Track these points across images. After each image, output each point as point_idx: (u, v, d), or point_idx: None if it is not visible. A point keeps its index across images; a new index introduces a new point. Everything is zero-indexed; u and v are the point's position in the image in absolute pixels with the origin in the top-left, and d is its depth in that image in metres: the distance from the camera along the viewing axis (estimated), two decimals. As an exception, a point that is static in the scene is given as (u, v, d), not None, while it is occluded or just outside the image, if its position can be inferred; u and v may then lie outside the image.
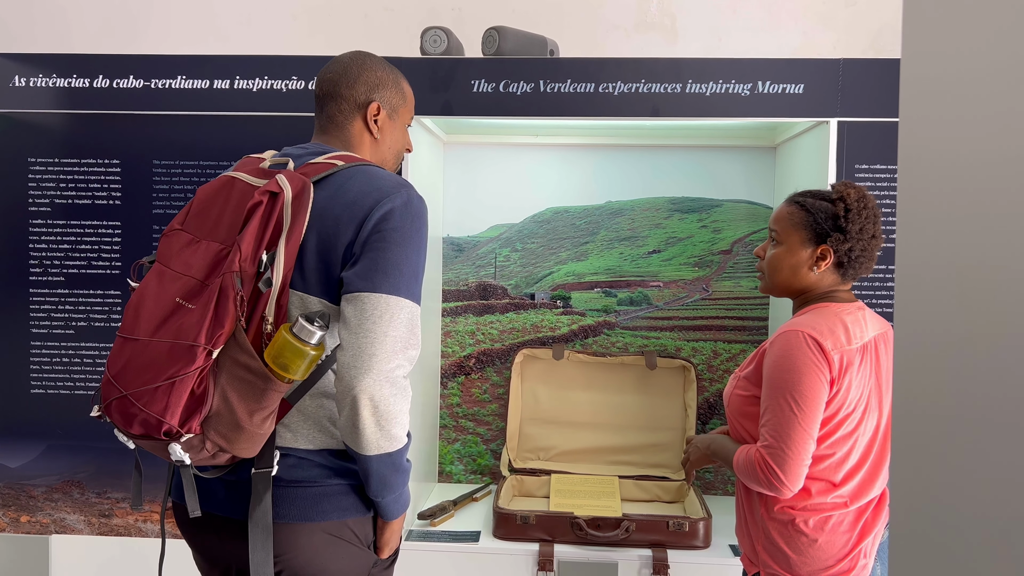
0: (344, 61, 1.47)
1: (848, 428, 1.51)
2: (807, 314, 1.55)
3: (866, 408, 1.53)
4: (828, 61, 2.00)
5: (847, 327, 1.51)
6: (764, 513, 1.56)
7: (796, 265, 1.59)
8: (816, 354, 1.46)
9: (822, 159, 2.04)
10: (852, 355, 1.50)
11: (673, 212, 2.55)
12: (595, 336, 2.58)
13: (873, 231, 1.56)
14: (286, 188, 1.26)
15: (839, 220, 1.54)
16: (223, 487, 1.33)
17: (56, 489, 2.17)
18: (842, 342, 1.49)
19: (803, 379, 1.46)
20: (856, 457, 1.53)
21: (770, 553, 1.55)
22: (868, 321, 1.56)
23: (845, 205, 1.54)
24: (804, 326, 1.50)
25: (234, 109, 2.10)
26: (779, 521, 1.53)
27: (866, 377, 1.52)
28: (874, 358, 1.53)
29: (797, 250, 1.58)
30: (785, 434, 1.46)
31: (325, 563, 1.31)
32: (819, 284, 1.59)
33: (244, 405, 1.21)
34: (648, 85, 2.03)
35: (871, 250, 1.56)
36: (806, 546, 1.51)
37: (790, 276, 1.60)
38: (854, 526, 1.52)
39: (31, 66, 2.13)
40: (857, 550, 1.51)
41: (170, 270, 1.26)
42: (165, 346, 1.20)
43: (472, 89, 2.06)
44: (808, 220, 1.57)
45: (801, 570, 1.51)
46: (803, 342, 1.47)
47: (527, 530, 2.09)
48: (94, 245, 2.16)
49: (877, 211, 1.57)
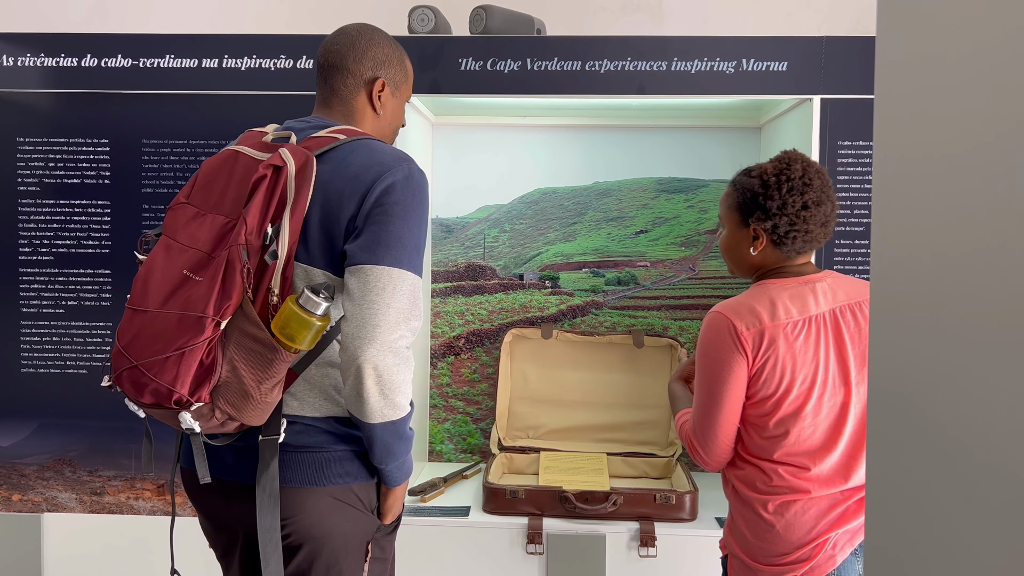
0: (351, 34, 1.48)
1: (795, 404, 1.45)
2: (742, 294, 1.52)
3: (813, 383, 1.45)
4: (811, 39, 2.02)
5: (775, 303, 1.46)
6: (732, 494, 1.55)
7: (737, 247, 1.56)
8: (730, 337, 1.44)
9: (806, 137, 2.06)
10: (776, 330, 1.44)
11: (660, 192, 2.58)
12: (583, 316, 2.60)
13: (802, 201, 1.46)
14: (289, 162, 1.28)
15: (758, 198, 1.49)
16: (232, 453, 1.35)
17: (48, 467, 2.18)
18: (763, 319, 1.44)
19: (719, 366, 1.46)
20: (816, 439, 1.46)
21: (734, 534, 1.53)
22: (826, 292, 1.48)
23: (762, 181, 1.49)
24: (724, 306, 1.48)
25: (223, 88, 2.11)
26: (743, 503, 1.51)
27: (811, 352, 1.45)
28: (830, 331, 1.46)
29: (735, 232, 1.55)
30: (705, 418, 1.49)
31: (331, 526, 1.34)
32: (765, 262, 1.54)
33: (252, 374, 1.24)
34: (634, 63, 2.05)
35: (805, 222, 1.47)
36: (764, 531, 1.47)
37: (737, 259, 1.57)
38: (824, 515, 1.45)
39: (19, 45, 2.13)
40: (822, 540, 1.44)
41: (177, 243, 1.28)
42: (174, 317, 1.22)
43: (460, 67, 2.07)
44: (738, 200, 1.53)
45: (758, 555, 1.48)
46: (720, 327, 1.46)
47: (516, 504, 2.11)
48: (83, 225, 2.16)
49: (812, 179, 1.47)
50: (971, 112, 0.53)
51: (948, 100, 0.56)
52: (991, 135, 0.51)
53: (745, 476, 1.51)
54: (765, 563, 1.47)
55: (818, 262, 2.04)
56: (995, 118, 0.51)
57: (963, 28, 0.55)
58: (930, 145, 0.59)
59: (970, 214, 0.53)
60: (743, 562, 1.50)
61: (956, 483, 0.54)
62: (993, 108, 0.51)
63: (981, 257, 0.52)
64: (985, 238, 0.52)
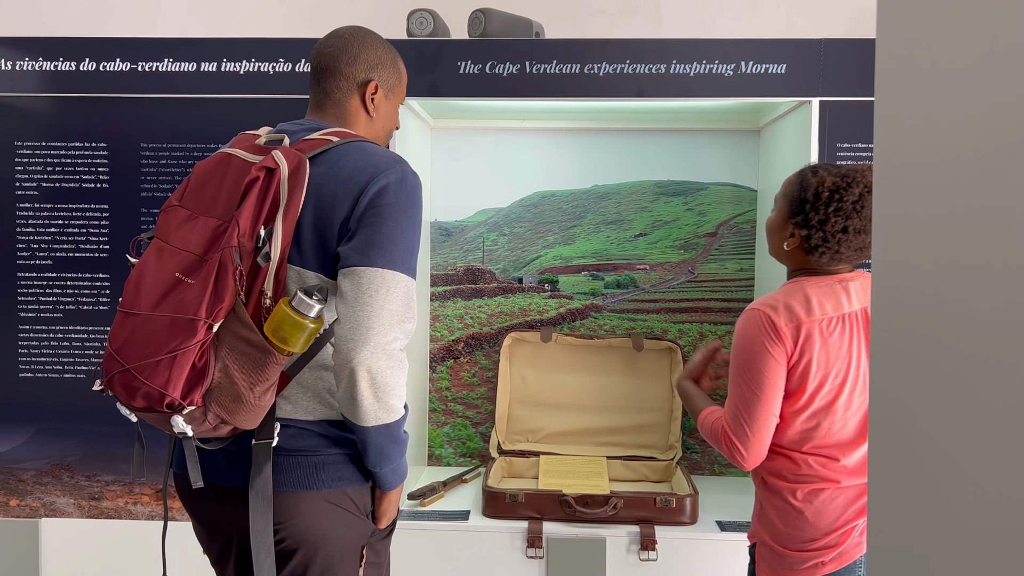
0: (344, 36, 1.48)
1: (827, 398, 1.50)
2: (777, 291, 1.55)
3: (846, 378, 1.50)
4: (810, 41, 2.02)
5: (810, 299, 1.50)
6: (761, 484, 1.58)
7: (776, 232, 1.59)
8: (768, 331, 1.48)
9: (804, 140, 2.06)
10: (812, 326, 1.48)
11: (659, 195, 2.57)
12: (582, 319, 2.60)
13: (844, 225, 1.48)
14: (282, 164, 1.28)
15: (805, 205, 1.51)
16: (225, 457, 1.35)
17: (46, 473, 2.17)
18: (799, 315, 1.48)
19: (756, 358, 1.48)
20: (847, 431, 1.51)
21: (762, 522, 1.57)
22: (858, 291, 1.52)
23: (816, 191, 1.50)
24: (761, 303, 1.52)
25: (221, 92, 2.11)
26: (772, 492, 1.55)
27: (845, 348, 1.50)
28: (862, 329, 1.51)
29: (779, 219, 1.58)
30: (744, 413, 1.49)
31: (325, 530, 1.33)
32: (795, 259, 1.58)
33: (245, 377, 1.23)
34: (633, 66, 2.05)
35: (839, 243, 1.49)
36: (793, 517, 1.52)
37: (772, 243, 1.62)
38: (851, 503, 1.51)
39: (17, 50, 2.13)
40: (851, 527, 1.50)
41: (169, 246, 1.28)
42: (166, 320, 1.21)
43: (458, 70, 2.07)
44: (793, 195, 1.55)
45: (787, 541, 1.52)
46: (756, 320, 1.49)
47: (516, 508, 2.11)
48: (82, 229, 2.16)
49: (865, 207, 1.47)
50: (971, 114, 0.53)
51: (948, 102, 0.56)
52: (991, 136, 0.51)
53: (774, 467, 1.55)
54: (795, 549, 1.51)
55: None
56: (996, 119, 0.51)
57: (963, 30, 0.54)
58: (930, 147, 0.58)
59: (970, 215, 0.53)
60: (772, 549, 1.54)
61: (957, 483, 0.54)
62: (994, 109, 0.51)
63: (981, 258, 0.52)
64: (985, 239, 0.51)
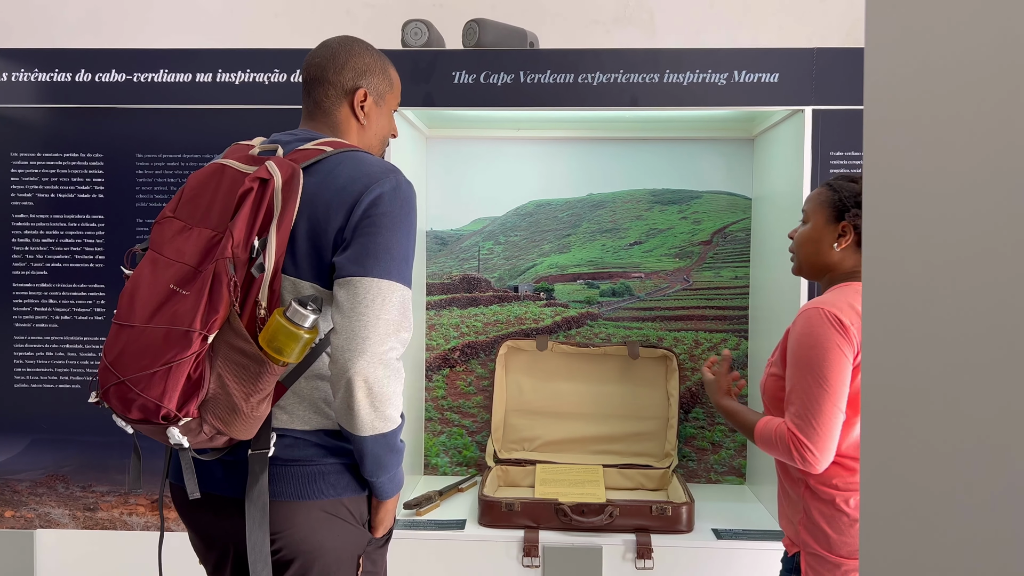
0: (332, 46, 1.49)
1: None
2: (831, 293, 1.57)
3: None
4: (802, 50, 2.04)
5: None
6: (806, 492, 1.56)
7: (819, 241, 1.61)
8: (837, 329, 1.48)
9: (798, 148, 2.07)
10: None
11: (654, 204, 2.58)
12: (578, 327, 2.60)
13: None
14: (276, 174, 1.28)
15: (859, 197, 1.56)
16: (221, 467, 1.34)
17: (41, 483, 2.17)
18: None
19: (826, 355, 1.48)
20: None
21: (810, 532, 1.55)
22: None
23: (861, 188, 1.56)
24: (823, 303, 1.52)
25: (217, 102, 2.12)
26: (821, 500, 1.53)
27: None
28: None
29: (821, 228, 1.61)
30: (813, 409, 1.47)
31: (321, 540, 1.33)
32: (842, 263, 1.60)
33: (240, 388, 1.23)
34: (627, 75, 2.06)
35: None
36: (847, 526, 1.51)
37: (814, 253, 1.62)
38: None
39: (13, 61, 2.13)
40: None
41: (163, 257, 1.28)
42: (161, 332, 1.21)
43: (453, 80, 2.08)
44: (833, 199, 1.59)
45: (840, 550, 1.51)
46: (824, 318, 1.49)
47: (512, 517, 2.11)
48: (77, 239, 2.16)
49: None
50: (959, 121, 0.54)
51: (936, 110, 0.57)
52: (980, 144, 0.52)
53: (825, 474, 1.53)
54: (849, 556, 1.50)
55: (812, 272, 2.05)
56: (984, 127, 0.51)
57: (950, 38, 0.55)
58: (919, 155, 0.59)
59: (959, 222, 0.54)
60: (822, 558, 1.53)
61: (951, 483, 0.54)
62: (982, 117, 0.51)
63: (970, 264, 0.52)
64: (974, 245, 0.52)
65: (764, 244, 2.40)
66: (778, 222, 2.25)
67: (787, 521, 1.62)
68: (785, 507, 1.63)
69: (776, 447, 1.52)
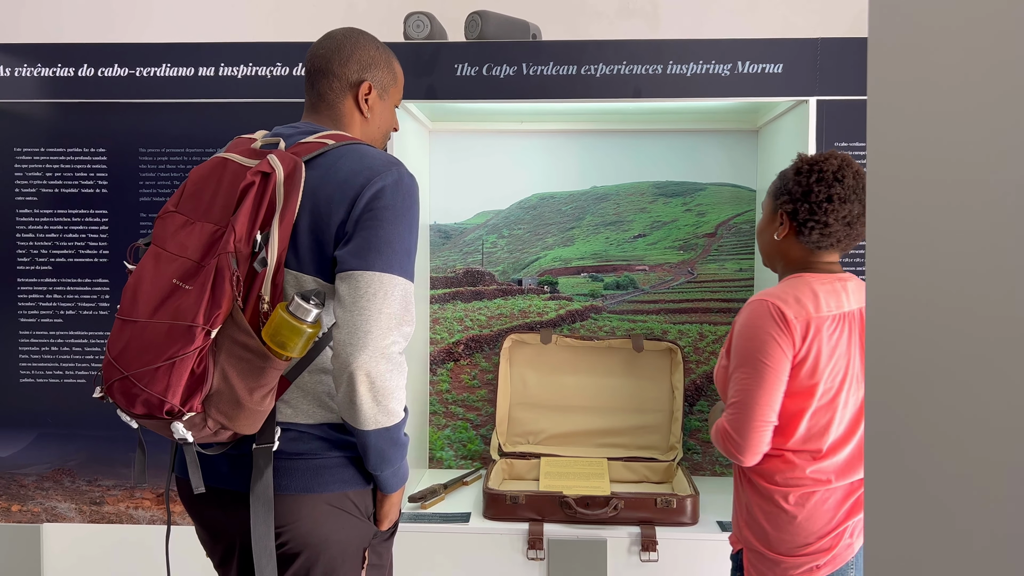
0: (337, 38, 1.48)
1: (826, 398, 1.49)
2: (779, 285, 1.54)
3: (845, 379, 1.50)
4: (807, 40, 2.02)
5: (817, 295, 1.49)
6: (748, 487, 1.55)
7: (765, 231, 1.61)
8: (778, 322, 1.45)
9: (802, 139, 2.06)
10: (821, 322, 1.47)
11: (658, 196, 2.58)
12: (582, 320, 2.60)
13: (828, 194, 1.48)
14: (278, 168, 1.28)
15: (788, 182, 1.53)
16: (226, 462, 1.35)
17: (47, 478, 2.18)
18: (808, 310, 1.46)
19: (763, 347, 1.45)
20: (840, 430, 1.50)
21: (751, 528, 1.54)
22: (854, 292, 1.52)
23: (796, 168, 1.53)
24: (768, 295, 1.50)
25: (219, 96, 2.11)
26: (762, 496, 1.52)
27: (844, 347, 1.49)
28: (857, 329, 1.51)
29: (767, 218, 1.60)
30: (746, 402, 1.45)
31: (327, 533, 1.33)
32: (788, 253, 1.57)
33: (244, 383, 1.23)
34: (629, 67, 2.05)
35: (826, 214, 1.49)
36: (786, 523, 1.49)
37: (764, 244, 1.62)
38: (841, 504, 1.49)
39: (15, 56, 2.13)
40: (841, 529, 1.48)
41: (166, 252, 1.28)
42: (164, 327, 1.21)
43: (455, 73, 2.07)
44: (775, 186, 1.58)
45: (779, 547, 1.49)
46: (766, 311, 1.47)
47: (517, 510, 2.11)
48: (81, 234, 2.16)
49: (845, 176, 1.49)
50: (964, 112, 0.53)
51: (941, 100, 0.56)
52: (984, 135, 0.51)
53: (763, 469, 1.52)
54: (787, 554, 1.48)
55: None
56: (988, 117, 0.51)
57: (955, 28, 0.55)
58: (923, 145, 0.59)
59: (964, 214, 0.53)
60: (762, 555, 1.51)
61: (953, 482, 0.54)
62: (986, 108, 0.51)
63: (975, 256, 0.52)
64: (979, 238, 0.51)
65: (769, 236, 2.39)
66: (783, 214, 2.24)
67: (734, 517, 1.60)
68: (735, 502, 1.61)
69: (718, 442, 1.51)
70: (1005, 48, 0.49)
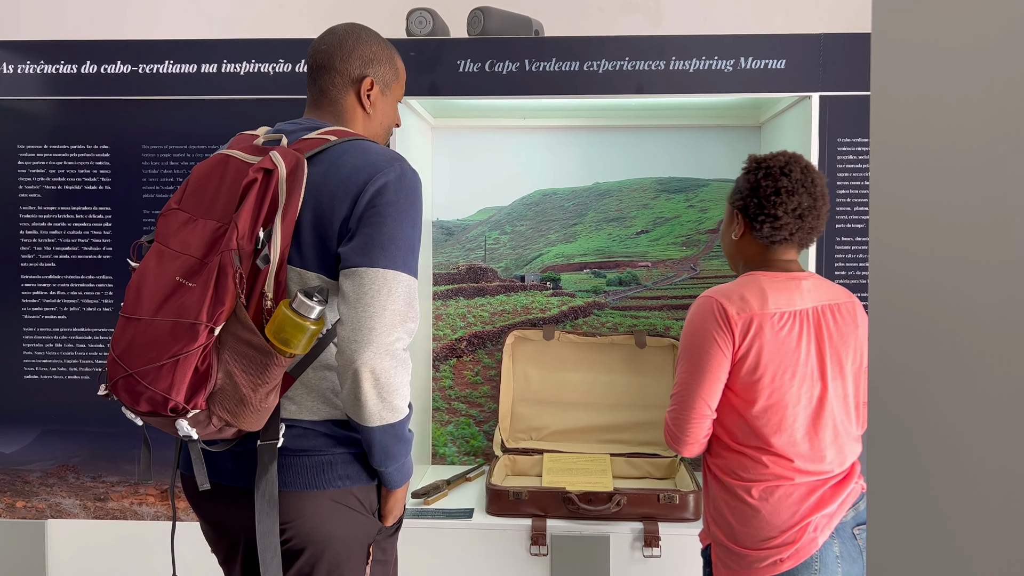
0: (339, 33, 1.48)
1: (778, 394, 1.50)
2: (732, 282, 1.57)
3: (795, 374, 1.51)
4: (809, 36, 2.02)
5: (765, 292, 1.51)
6: (713, 482, 1.58)
7: (725, 233, 1.67)
8: (719, 320, 1.49)
9: (805, 135, 2.06)
10: (764, 319, 1.49)
11: (660, 192, 2.57)
12: (585, 316, 2.60)
13: (775, 187, 1.52)
14: (280, 165, 1.28)
15: (739, 180, 1.61)
16: (231, 458, 1.35)
17: (51, 474, 2.18)
18: (752, 307, 1.49)
19: (702, 344, 1.50)
20: (799, 428, 1.51)
21: (717, 522, 1.57)
22: (810, 290, 1.54)
23: (744, 170, 1.60)
24: (716, 292, 1.54)
25: (222, 93, 2.12)
26: (727, 491, 1.54)
27: (794, 344, 1.50)
28: (813, 327, 1.52)
29: (726, 220, 1.66)
30: (683, 396, 1.52)
31: (331, 529, 1.33)
32: (746, 251, 1.61)
33: (248, 380, 1.23)
34: (632, 63, 2.05)
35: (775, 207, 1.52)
36: (750, 516, 1.51)
37: (725, 248, 1.67)
38: (805, 499, 1.50)
39: (18, 53, 2.14)
40: (805, 523, 1.49)
41: (169, 249, 1.28)
42: (168, 325, 1.21)
43: (458, 69, 2.07)
44: (732, 189, 1.64)
45: (744, 540, 1.52)
46: (709, 308, 1.51)
47: (520, 506, 2.11)
48: (85, 231, 2.17)
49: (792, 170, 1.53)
50: (967, 108, 0.53)
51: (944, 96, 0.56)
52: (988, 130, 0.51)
53: (727, 465, 1.55)
54: (752, 548, 1.51)
55: (819, 259, 2.04)
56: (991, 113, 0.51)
57: (958, 23, 0.54)
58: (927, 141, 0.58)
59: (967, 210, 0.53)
60: (729, 549, 1.54)
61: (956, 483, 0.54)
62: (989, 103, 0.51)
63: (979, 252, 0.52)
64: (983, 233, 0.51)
65: (771, 232, 2.39)
66: (785, 210, 2.24)
67: (703, 514, 1.64)
68: (704, 500, 1.64)
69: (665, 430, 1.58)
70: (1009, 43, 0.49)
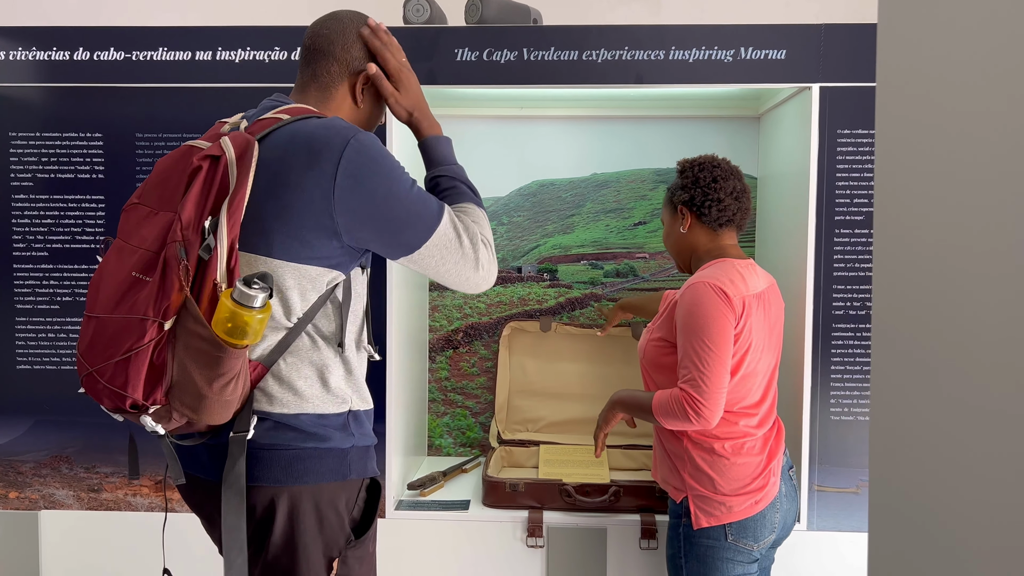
0: (343, 20, 1.43)
1: (752, 366, 1.72)
2: (708, 268, 1.74)
3: (762, 349, 1.74)
4: (810, 27, 2.00)
5: (743, 276, 1.71)
6: (688, 444, 1.73)
7: (671, 233, 1.86)
8: (722, 300, 1.65)
9: (805, 126, 2.04)
10: (750, 300, 1.69)
11: (658, 183, 2.56)
12: (582, 308, 2.59)
13: (712, 176, 1.78)
14: (228, 150, 1.23)
15: (677, 181, 1.84)
16: (206, 451, 1.33)
17: (44, 464, 2.17)
18: (741, 289, 1.68)
19: (713, 323, 1.64)
20: (759, 391, 1.75)
21: (695, 478, 1.72)
22: (759, 274, 1.77)
23: (680, 169, 1.84)
24: (709, 277, 1.69)
25: (217, 80, 2.09)
26: (702, 448, 1.72)
27: (761, 320, 1.72)
28: (766, 305, 1.74)
29: (668, 221, 1.87)
30: (705, 371, 1.63)
31: (300, 526, 1.31)
32: (698, 241, 1.81)
33: (202, 373, 1.19)
34: (631, 52, 2.03)
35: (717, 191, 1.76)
36: (727, 467, 1.70)
37: (673, 245, 1.86)
38: (762, 450, 1.74)
39: (10, 39, 2.11)
40: (767, 470, 1.73)
41: (128, 244, 1.24)
42: (121, 321, 1.19)
43: (455, 58, 2.05)
44: (667, 195, 1.87)
45: (724, 488, 1.70)
46: (710, 290, 1.66)
47: (516, 498, 2.10)
48: (77, 220, 2.15)
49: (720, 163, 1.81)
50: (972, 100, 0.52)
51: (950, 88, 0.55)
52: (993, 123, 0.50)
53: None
54: (733, 494, 1.70)
55: (818, 251, 2.03)
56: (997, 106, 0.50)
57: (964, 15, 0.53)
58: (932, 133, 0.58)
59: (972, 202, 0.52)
60: (708, 498, 1.70)
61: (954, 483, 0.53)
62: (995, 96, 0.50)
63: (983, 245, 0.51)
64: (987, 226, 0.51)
65: (769, 224, 2.38)
66: (784, 202, 2.23)
67: (670, 473, 1.78)
68: (666, 461, 1.79)
69: (674, 412, 1.66)
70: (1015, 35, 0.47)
